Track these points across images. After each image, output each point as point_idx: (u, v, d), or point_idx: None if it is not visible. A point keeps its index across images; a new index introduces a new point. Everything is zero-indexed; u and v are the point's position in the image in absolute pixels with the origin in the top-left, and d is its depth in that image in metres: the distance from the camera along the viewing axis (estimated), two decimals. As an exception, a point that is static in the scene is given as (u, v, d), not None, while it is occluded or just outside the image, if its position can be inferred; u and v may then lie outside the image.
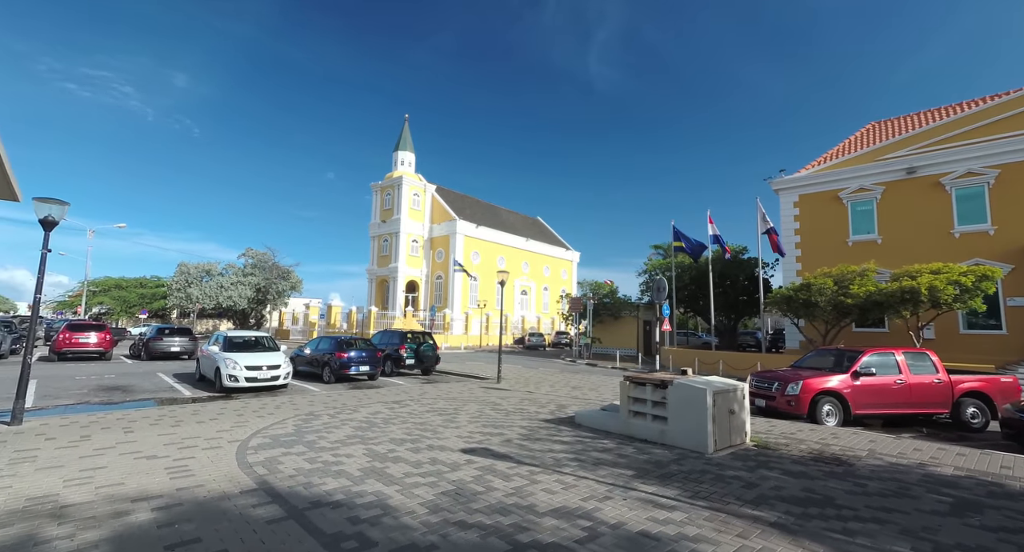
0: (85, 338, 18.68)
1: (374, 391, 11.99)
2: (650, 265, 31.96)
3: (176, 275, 42.03)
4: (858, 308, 16.02)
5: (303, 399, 10.30)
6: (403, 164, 47.69)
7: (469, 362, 22.62)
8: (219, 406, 9.14)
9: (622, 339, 30.22)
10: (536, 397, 11.46)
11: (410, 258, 45.53)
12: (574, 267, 61.32)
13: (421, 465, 5.44)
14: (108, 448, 5.79)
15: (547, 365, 22.55)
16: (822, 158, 21.91)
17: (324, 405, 9.54)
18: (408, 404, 9.85)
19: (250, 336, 13.71)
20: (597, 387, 13.84)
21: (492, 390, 12.63)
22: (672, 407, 6.65)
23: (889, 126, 21.97)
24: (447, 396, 11.26)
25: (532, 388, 13.20)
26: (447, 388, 12.86)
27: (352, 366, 14.18)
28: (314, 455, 5.73)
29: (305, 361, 15.31)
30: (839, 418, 8.76)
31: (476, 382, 14.61)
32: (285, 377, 12.37)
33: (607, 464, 5.67)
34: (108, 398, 10.42)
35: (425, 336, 17.82)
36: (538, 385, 13.97)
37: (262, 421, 7.71)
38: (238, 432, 6.85)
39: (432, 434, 7.07)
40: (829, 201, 20.56)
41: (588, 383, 14.85)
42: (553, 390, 12.91)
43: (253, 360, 12.03)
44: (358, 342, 15.35)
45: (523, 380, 15.21)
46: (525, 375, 16.88)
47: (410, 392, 11.88)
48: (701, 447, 6.28)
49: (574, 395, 12.05)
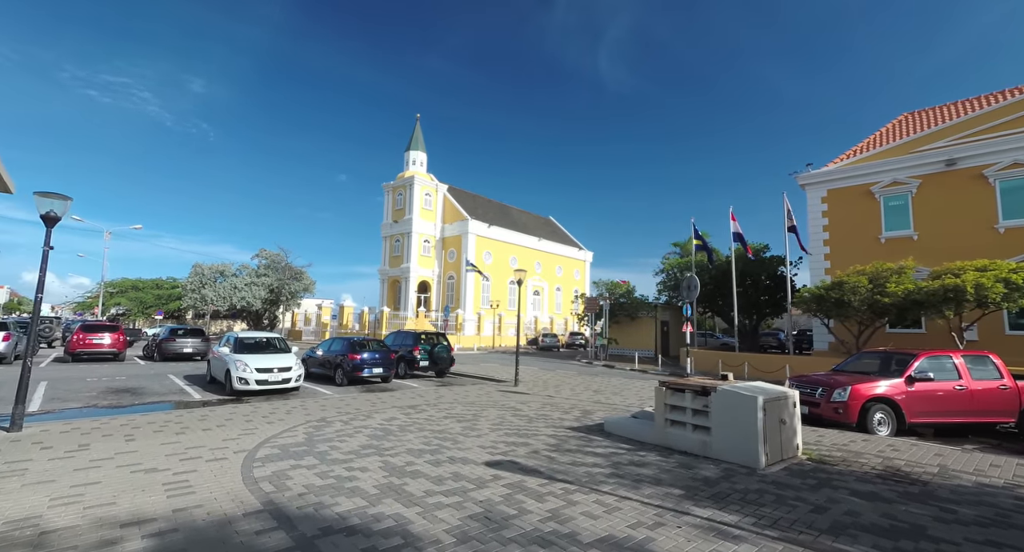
0: (99, 339, 18.57)
1: (388, 394, 11.52)
2: (667, 264, 31.14)
3: (190, 276, 42.30)
4: (896, 308, 15.13)
5: (315, 403, 9.87)
6: (414, 164, 47.44)
7: (483, 363, 22.11)
8: (228, 411, 8.73)
9: (639, 340, 29.46)
10: (557, 401, 10.89)
11: (422, 258, 45.23)
12: (587, 267, 60.52)
13: (443, 481, 4.91)
14: (105, 459, 5.36)
15: (563, 367, 21.93)
16: (851, 151, 20.95)
17: (337, 410, 9.08)
18: (424, 409, 9.34)
19: (261, 337, 13.36)
20: (619, 391, 13.21)
21: (510, 394, 12.08)
22: (716, 416, 6.03)
23: (923, 117, 20.93)
24: (464, 400, 10.74)
25: (552, 392, 12.62)
26: (463, 391, 12.35)
27: (365, 368, 13.76)
28: (326, 468, 5.24)
29: (317, 363, 14.93)
30: (892, 427, 8.03)
31: (493, 385, 14.07)
32: (297, 379, 11.98)
33: (650, 481, 5.08)
34: (116, 401, 10.10)
35: (439, 337, 17.35)
36: (557, 388, 13.39)
37: (271, 428, 7.25)
38: (246, 441, 6.40)
39: (452, 444, 6.54)
40: (860, 196, 19.62)
41: (609, 386, 14.22)
42: (574, 394, 12.32)
43: (264, 362, 11.65)
44: (371, 343, 14.93)
45: (541, 383, 14.64)
46: (542, 378, 16.30)
47: (425, 396, 11.39)
48: (751, 461, 5.65)
49: (597, 400, 11.44)
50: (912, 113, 21.90)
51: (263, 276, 42.96)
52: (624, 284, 30.02)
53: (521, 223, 54.66)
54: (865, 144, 21.05)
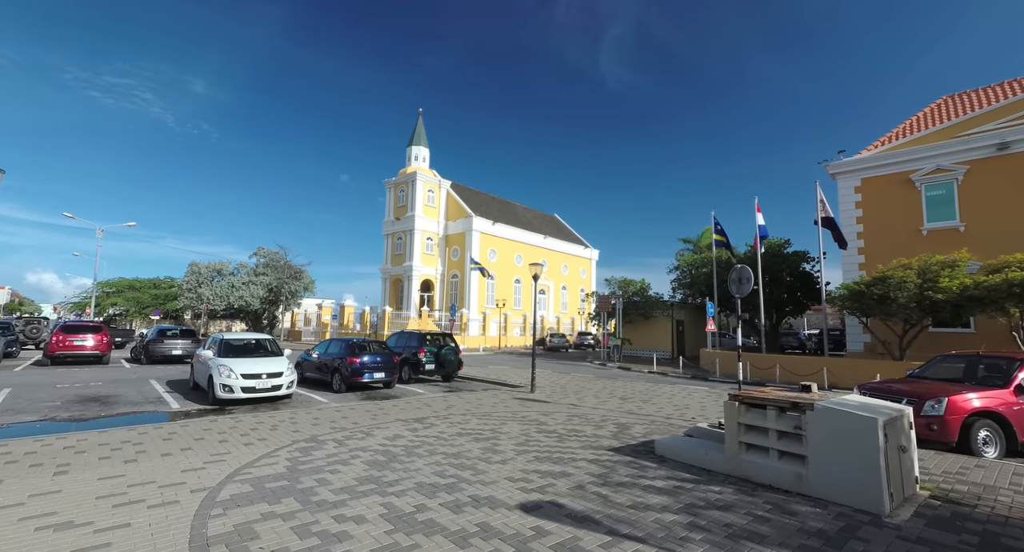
0: (80, 341, 17.30)
1: (391, 403, 10.18)
2: (682, 261, 29.69)
3: (187, 275, 41.07)
4: (949, 305, 13.75)
5: (307, 415, 8.53)
6: (417, 159, 46.11)
7: (492, 366, 20.77)
8: (203, 426, 7.41)
9: (654, 340, 28.09)
10: (584, 412, 9.53)
11: (425, 256, 43.91)
12: (593, 265, 59.12)
13: (468, 540, 3.56)
14: (12, 506, 4.03)
15: (577, 369, 20.58)
16: (887, 137, 19.53)
17: (331, 424, 7.75)
18: (434, 423, 8.00)
19: (249, 339, 12.04)
20: (649, 398, 11.84)
21: (528, 402, 10.73)
22: (816, 442, 4.66)
23: (966, 99, 19.49)
24: (478, 410, 9.40)
25: (574, 400, 11.26)
26: (475, 399, 11.01)
27: (365, 373, 12.43)
28: (308, 518, 3.89)
29: (313, 367, 13.61)
30: (1000, 448, 6.65)
31: (506, 391, 12.72)
32: (288, 386, 10.67)
33: (747, 536, 3.72)
34: (79, 413, 8.80)
35: (446, 338, 16.01)
36: (579, 395, 12.03)
37: (248, 452, 5.92)
38: (210, 473, 5.06)
39: (472, 474, 5.20)
40: (898, 185, 18.21)
41: (635, 392, 12.85)
42: (600, 402, 10.96)
43: (251, 367, 10.33)
44: (372, 345, 13.61)
45: (559, 389, 13.29)
46: (559, 382, 14.94)
47: (433, 405, 10.05)
48: (871, 504, 4.28)
49: (628, 410, 10.07)
50: (952, 96, 20.45)
51: (261, 275, 41.70)
52: (639, 282, 28.53)
53: (526, 220, 53.30)
54: (901, 129, 19.62)
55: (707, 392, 13.34)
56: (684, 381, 16.92)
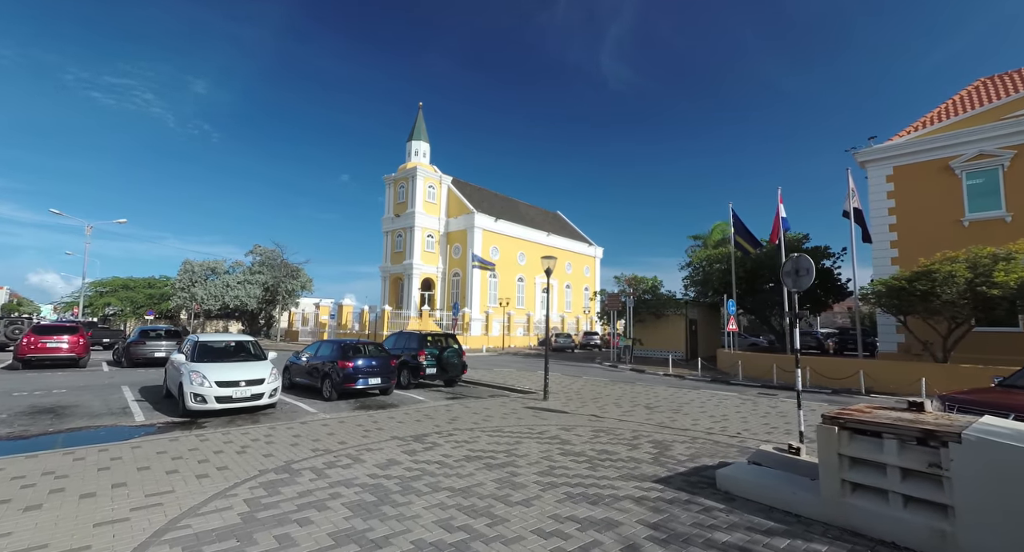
0: (54, 342, 16.04)
1: (387, 415, 8.89)
2: (695, 257, 28.35)
3: (180, 274, 39.83)
4: (1006, 301, 12.45)
5: (287, 432, 7.25)
6: (417, 154, 44.81)
7: (497, 368, 19.49)
8: (157, 448, 6.13)
9: (665, 340, 26.78)
10: (610, 425, 8.24)
11: (425, 254, 42.62)
12: (597, 263, 57.82)
13: None
14: None
15: (587, 371, 19.29)
16: (920, 122, 18.20)
17: (313, 444, 6.47)
18: (436, 443, 6.71)
19: (229, 341, 10.76)
20: (678, 406, 10.54)
21: (543, 412, 9.44)
22: (968, 488, 3.37)
23: (1007, 80, 18.13)
24: (487, 424, 8.11)
25: (594, 409, 9.96)
26: (482, 409, 9.72)
27: (359, 378, 11.15)
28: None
29: (302, 371, 12.33)
30: None
31: (517, 398, 11.43)
32: (271, 394, 9.40)
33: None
34: (24, 428, 7.54)
35: (448, 339, 14.72)
36: (598, 403, 10.73)
37: (199, 489, 4.63)
38: (133, 528, 3.76)
39: (489, 523, 3.91)
40: (935, 172, 16.88)
41: (660, 400, 11.56)
42: (624, 413, 9.66)
43: (227, 373, 9.05)
44: (367, 347, 12.34)
45: (574, 395, 12.00)
46: (572, 387, 13.66)
47: (435, 416, 8.76)
48: (1067, 583, 2.98)
49: (658, 422, 8.78)
50: (990, 78, 19.10)
51: (257, 274, 40.49)
52: (650, 279, 27.20)
53: (529, 217, 52.00)
54: (936, 114, 18.28)
55: (739, 399, 12.05)
56: (707, 385, 15.63)
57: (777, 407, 10.63)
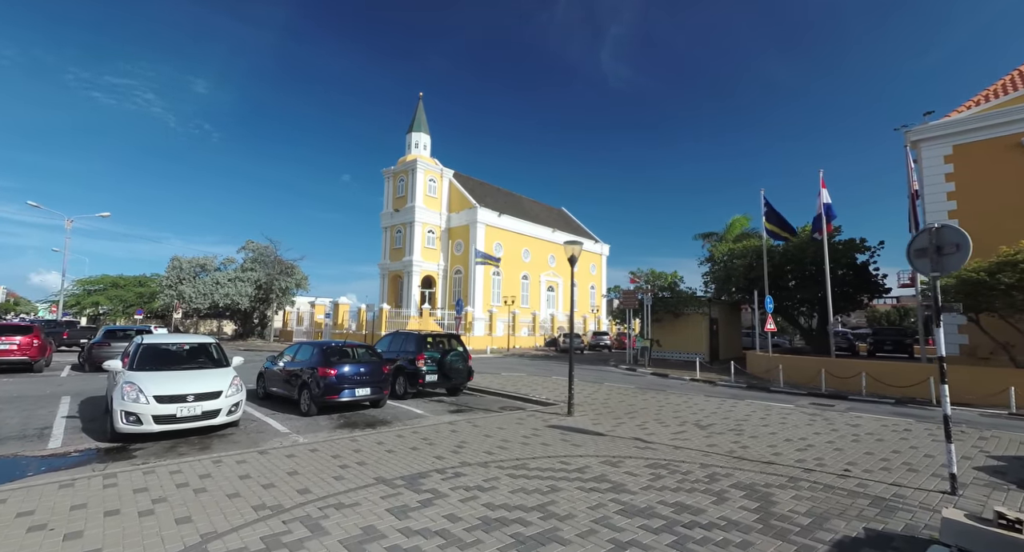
0: (2, 344, 14.10)
1: (375, 439, 6.91)
2: (716, 251, 26.33)
3: (168, 271, 37.85)
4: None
5: (232, 472, 5.27)
6: (417, 146, 42.83)
7: (505, 372, 17.51)
8: (28, 501, 4.17)
9: (685, 341, 24.77)
10: (665, 456, 6.26)
11: (426, 250, 40.64)
12: (603, 261, 55.84)
13: None
14: None
15: (604, 375, 17.32)
16: (983, 95, 16.18)
17: (262, 493, 4.50)
18: (439, 492, 4.73)
19: (183, 344, 8.77)
20: (737, 425, 8.53)
21: (573, 433, 7.47)
22: None
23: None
24: (505, 455, 6.13)
25: (634, 428, 7.97)
26: (495, 428, 7.74)
27: (344, 389, 9.19)
28: None
29: (278, 378, 10.35)
30: None
31: (534, 412, 9.45)
32: (231, 411, 7.45)
33: None
34: None
35: (451, 341, 12.74)
36: (635, 419, 8.74)
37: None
38: None
39: None
40: (1003, 151, 14.87)
41: (708, 414, 9.56)
42: (674, 434, 7.67)
43: (172, 386, 7.10)
44: (355, 351, 10.39)
45: (601, 407, 10.02)
46: (596, 396, 11.68)
47: (437, 441, 6.79)
48: None
49: (726, 449, 6.79)
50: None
51: (249, 271, 38.51)
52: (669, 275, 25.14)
53: (533, 213, 49.99)
54: (1001, 85, 16.24)
55: (801, 413, 10.06)
56: (747, 393, 13.65)
57: (860, 426, 8.61)
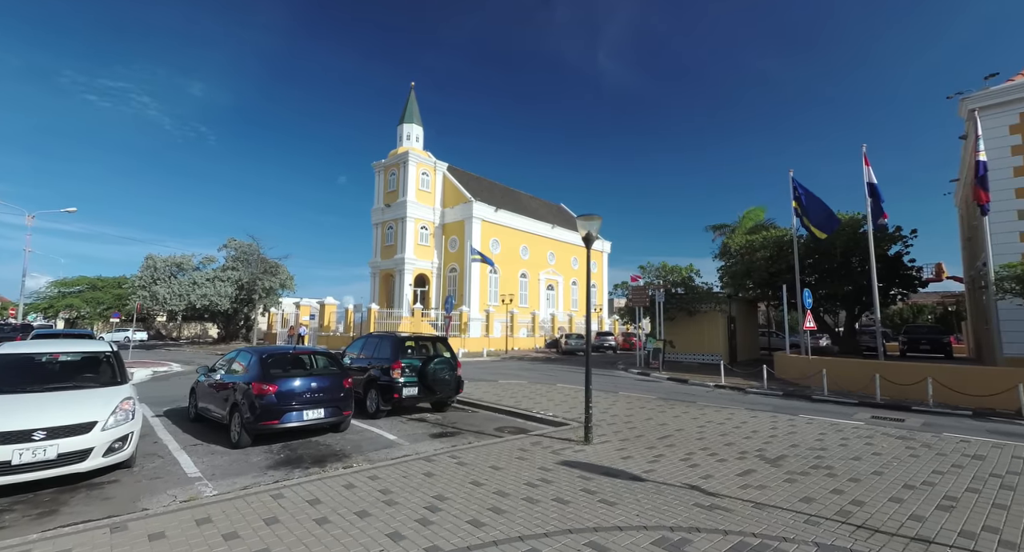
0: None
1: (314, 491, 4.63)
2: (733, 242, 24.14)
3: (141, 270, 35.33)
4: None
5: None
6: (409, 138, 40.60)
7: (503, 379, 15.26)
8: None
9: (700, 342, 22.57)
10: (746, 520, 4.02)
11: (419, 248, 38.38)
12: (605, 258, 53.74)
13: None
14: None
15: (616, 382, 15.08)
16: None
17: None
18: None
19: (53, 353, 6.44)
20: (822, 462, 6.31)
21: (598, 479, 5.21)
22: None
23: None
24: (501, 531, 3.87)
25: (679, 465, 5.73)
26: (489, 469, 5.48)
27: (289, 411, 6.93)
28: None
29: (209, 395, 8.04)
30: None
31: (541, 436, 7.19)
32: (111, 449, 5.22)
33: None
34: None
35: (436, 344, 10.47)
36: (677, 452, 6.49)
37: None
38: None
39: None
40: (1083, 118, 12.75)
41: (773, 441, 7.33)
42: (743, 480, 5.43)
43: (12, 418, 4.84)
44: (313, 358, 8.16)
45: (624, 428, 7.78)
46: (614, 412, 9.42)
47: (400, 499, 4.52)
48: None
49: (836, 507, 4.57)
50: None
51: (230, 270, 36.11)
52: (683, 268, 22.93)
53: (531, 209, 47.82)
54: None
55: (894, 440, 7.83)
56: (789, 403, 11.46)
57: (982, 456, 6.39)
